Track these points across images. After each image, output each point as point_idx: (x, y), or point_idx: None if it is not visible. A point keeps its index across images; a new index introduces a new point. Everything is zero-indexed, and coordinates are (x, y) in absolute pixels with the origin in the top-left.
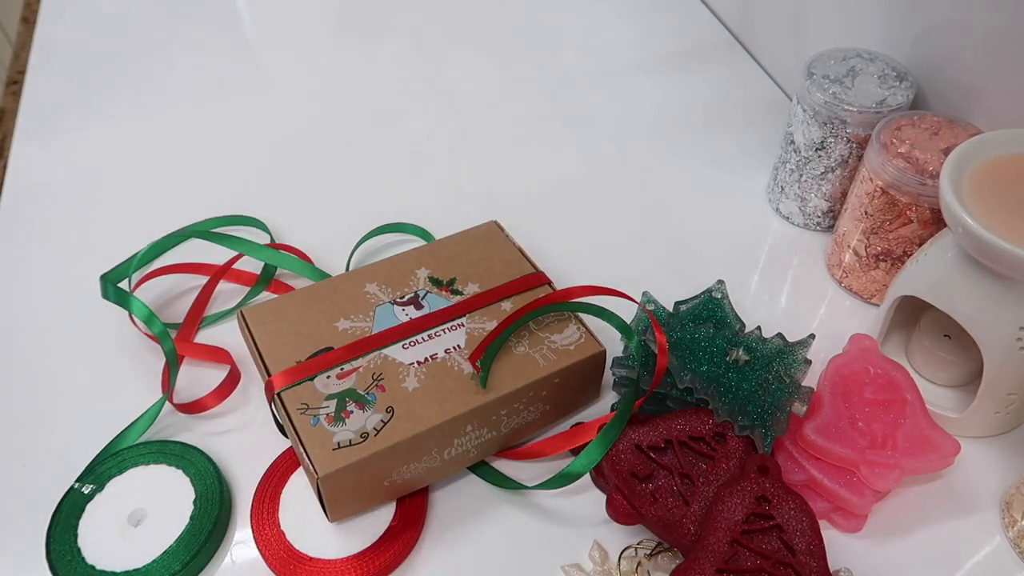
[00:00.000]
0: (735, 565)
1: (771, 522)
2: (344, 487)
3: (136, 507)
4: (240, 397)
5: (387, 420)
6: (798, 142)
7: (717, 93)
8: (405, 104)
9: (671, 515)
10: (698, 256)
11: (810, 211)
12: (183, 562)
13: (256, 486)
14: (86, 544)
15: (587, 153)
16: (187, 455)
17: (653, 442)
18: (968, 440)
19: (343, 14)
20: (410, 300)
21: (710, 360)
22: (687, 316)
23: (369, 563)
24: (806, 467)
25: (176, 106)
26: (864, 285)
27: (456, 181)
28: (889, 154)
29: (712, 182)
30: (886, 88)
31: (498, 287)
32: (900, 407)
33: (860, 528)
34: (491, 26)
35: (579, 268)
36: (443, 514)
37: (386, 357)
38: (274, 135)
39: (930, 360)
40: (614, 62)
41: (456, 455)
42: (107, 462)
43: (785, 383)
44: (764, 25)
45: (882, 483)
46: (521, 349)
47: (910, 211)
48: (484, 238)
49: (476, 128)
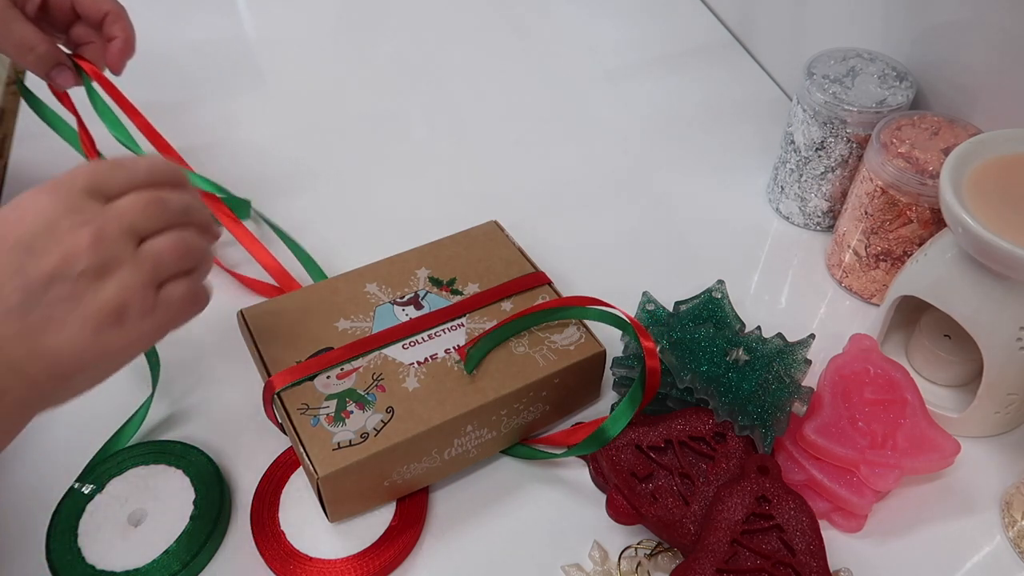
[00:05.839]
0: (735, 565)
1: (771, 522)
2: (344, 487)
3: (136, 507)
4: (241, 397)
5: (387, 420)
6: (798, 142)
7: (717, 93)
8: (405, 104)
9: (671, 515)
10: (698, 256)
11: (810, 211)
12: (183, 562)
13: (256, 486)
14: (86, 544)
15: (587, 153)
16: (187, 455)
17: (653, 442)
18: (968, 440)
19: (342, 13)
20: (410, 300)
21: (710, 360)
22: (687, 316)
23: (369, 563)
24: (806, 467)
25: (176, 105)
26: (864, 285)
27: (456, 181)
28: (889, 154)
29: (712, 182)
30: (886, 88)
31: (498, 287)
32: (900, 407)
33: (860, 528)
34: (491, 26)
35: (579, 268)
36: (443, 514)
37: (386, 357)
38: (274, 134)
39: (930, 360)
40: (614, 62)
41: (456, 455)
42: (107, 462)
43: (785, 383)
44: (764, 25)
45: (882, 483)
46: (521, 349)
47: (910, 211)
48: (484, 238)
49: (476, 128)
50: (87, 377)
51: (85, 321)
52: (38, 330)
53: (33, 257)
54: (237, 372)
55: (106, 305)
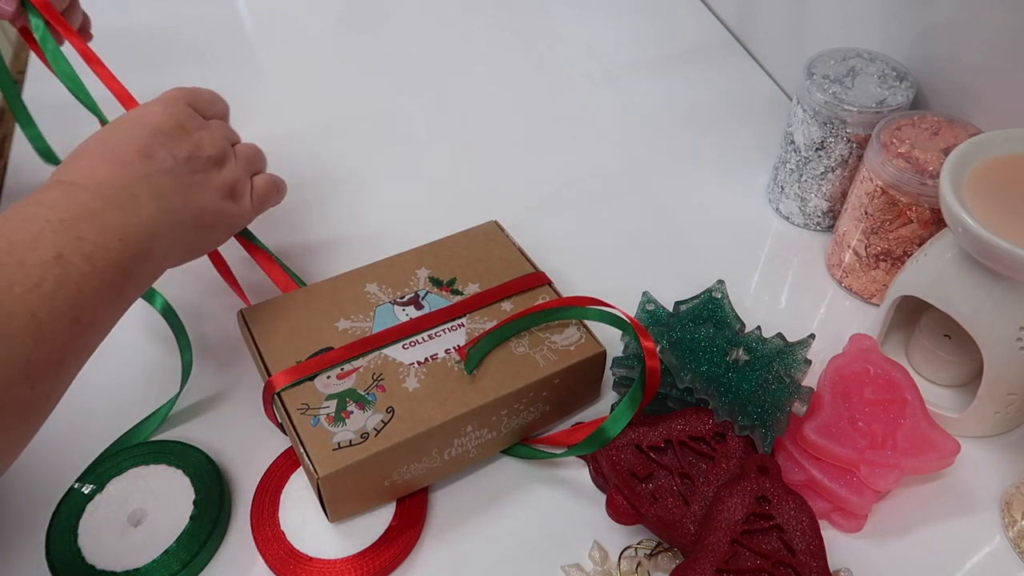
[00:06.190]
0: (735, 565)
1: (771, 522)
2: (344, 487)
3: (136, 507)
4: (241, 397)
5: (387, 420)
6: (798, 142)
7: (717, 93)
8: (405, 104)
9: (671, 515)
10: (698, 256)
11: (810, 211)
12: (183, 562)
13: (256, 486)
14: (86, 544)
15: (587, 153)
16: (187, 455)
17: (653, 442)
18: (968, 440)
19: (342, 13)
20: (410, 300)
21: (710, 360)
22: (687, 316)
23: (369, 563)
24: (806, 467)
25: None
26: (864, 285)
27: (456, 181)
28: (889, 154)
29: (712, 182)
30: (886, 88)
31: (498, 287)
32: (900, 407)
33: (860, 528)
34: (491, 26)
35: (579, 268)
36: (443, 514)
37: (386, 357)
38: (272, 134)
39: (930, 360)
40: (614, 62)
41: (456, 455)
42: (107, 462)
43: (785, 383)
44: (764, 25)
45: (882, 483)
46: (521, 349)
47: (910, 211)
48: (484, 238)
49: (476, 128)
50: (214, 235)
51: (214, 190)
52: (186, 188)
53: (172, 140)
54: (237, 372)
55: (224, 182)
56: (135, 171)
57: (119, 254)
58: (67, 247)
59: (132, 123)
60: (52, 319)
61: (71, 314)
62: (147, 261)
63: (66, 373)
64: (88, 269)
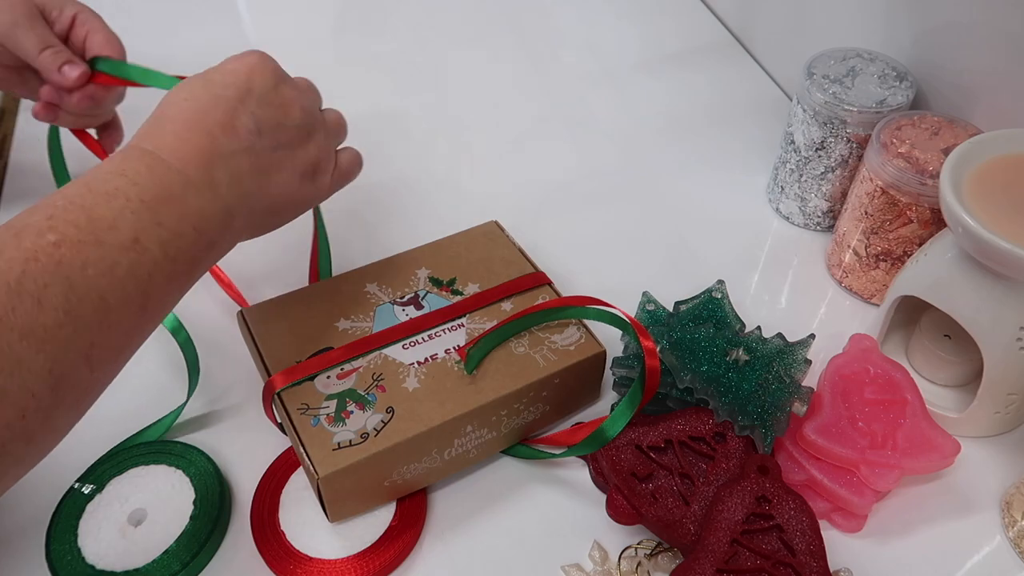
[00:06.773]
0: (735, 565)
1: (771, 522)
2: (344, 487)
3: (136, 507)
4: (241, 397)
5: (387, 420)
6: (798, 142)
7: (717, 93)
8: (405, 104)
9: (671, 515)
10: (698, 256)
11: (810, 211)
12: (183, 562)
13: (256, 486)
14: (86, 544)
15: (587, 153)
16: (187, 455)
17: (653, 442)
18: (968, 440)
19: (342, 13)
20: (410, 300)
21: (710, 360)
22: (687, 316)
23: (369, 563)
24: (806, 467)
25: None
26: (864, 285)
27: (456, 181)
28: (889, 154)
29: (712, 182)
30: (886, 88)
31: (498, 287)
32: (900, 407)
33: (860, 528)
34: (491, 26)
35: (579, 268)
36: (443, 514)
37: (386, 357)
38: None
39: (930, 360)
40: (614, 62)
41: (456, 455)
42: (107, 462)
43: (785, 383)
44: (764, 25)
45: (882, 483)
46: (521, 349)
47: (910, 211)
48: (484, 238)
49: (476, 128)
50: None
51: (294, 170)
52: (264, 171)
53: (262, 105)
54: (237, 372)
55: (309, 160)
56: (218, 147)
57: (192, 243)
58: (145, 232)
59: (223, 78)
60: (120, 305)
61: (139, 301)
62: (215, 249)
63: (124, 359)
64: (161, 256)
